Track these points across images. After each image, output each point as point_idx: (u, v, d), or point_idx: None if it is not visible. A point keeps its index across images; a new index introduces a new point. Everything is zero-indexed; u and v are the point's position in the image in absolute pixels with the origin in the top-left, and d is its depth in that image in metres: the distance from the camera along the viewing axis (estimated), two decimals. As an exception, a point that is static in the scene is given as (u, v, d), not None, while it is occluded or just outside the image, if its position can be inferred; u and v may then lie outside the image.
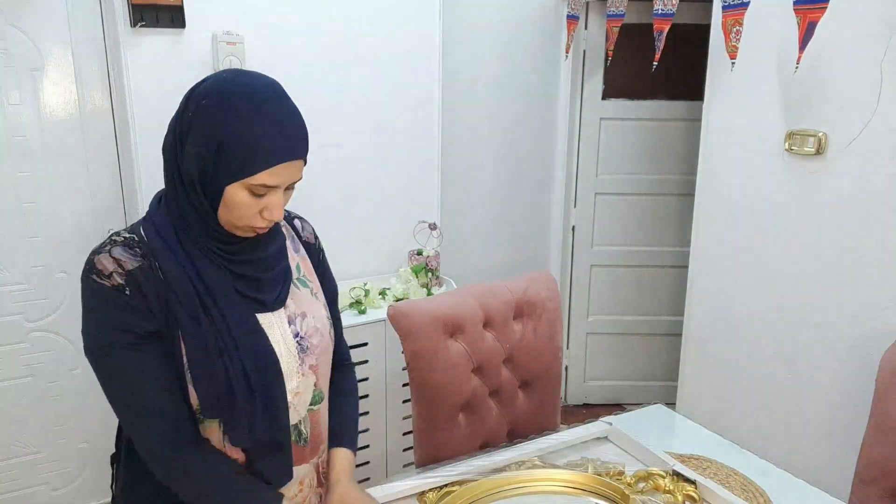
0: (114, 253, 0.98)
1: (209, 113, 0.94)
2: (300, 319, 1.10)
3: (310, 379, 1.11)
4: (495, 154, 3.09)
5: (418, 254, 2.63)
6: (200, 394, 0.99)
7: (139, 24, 2.04)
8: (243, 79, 0.98)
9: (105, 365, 0.98)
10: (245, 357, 1.00)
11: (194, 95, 0.98)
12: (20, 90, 2.04)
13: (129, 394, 0.98)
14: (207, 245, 1.01)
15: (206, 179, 0.96)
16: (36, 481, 2.27)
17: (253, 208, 0.98)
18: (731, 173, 2.28)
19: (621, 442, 1.49)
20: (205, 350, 0.98)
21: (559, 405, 1.95)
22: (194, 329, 0.98)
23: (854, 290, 1.94)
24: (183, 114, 0.97)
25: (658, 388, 3.36)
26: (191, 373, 0.98)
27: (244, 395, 1.00)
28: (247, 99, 0.95)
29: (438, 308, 1.71)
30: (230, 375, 0.99)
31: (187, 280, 0.98)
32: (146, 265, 0.97)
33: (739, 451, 1.56)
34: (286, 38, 2.29)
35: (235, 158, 0.94)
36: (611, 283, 3.35)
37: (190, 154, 0.96)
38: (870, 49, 1.82)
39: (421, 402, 1.71)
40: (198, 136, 0.95)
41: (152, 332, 0.97)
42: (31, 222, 2.12)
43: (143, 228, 1.02)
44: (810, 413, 2.10)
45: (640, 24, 2.81)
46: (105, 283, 0.96)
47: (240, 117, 0.94)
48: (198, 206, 0.99)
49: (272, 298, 1.07)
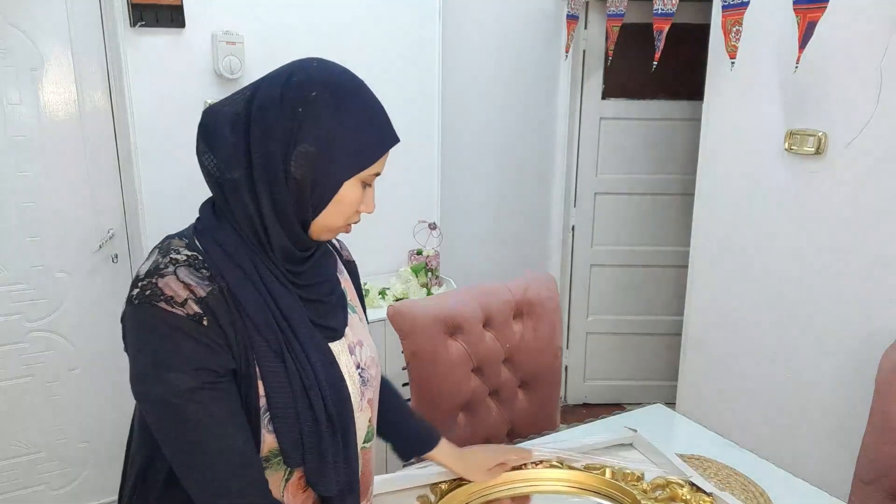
0: (181, 275, 0.82)
1: (323, 105, 0.85)
2: (359, 349, 1.01)
3: (366, 415, 1.01)
4: (495, 154, 3.09)
5: (418, 253, 2.63)
6: (283, 440, 0.86)
7: (139, 23, 2.04)
8: (335, 65, 0.91)
9: (183, 414, 0.81)
10: (327, 396, 0.89)
11: (293, 91, 0.85)
12: (20, 90, 2.04)
13: (209, 449, 0.83)
14: (278, 265, 0.89)
15: (320, 179, 0.85)
16: (36, 481, 2.27)
17: (358, 203, 0.90)
18: (731, 173, 2.28)
19: (645, 449, 1.47)
20: (290, 390, 0.86)
21: (559, 405, 1.95)
22: (278, 366, 0.86)
23: (854, 289, 1.94)
24: (284, 113, 0.84)
25: (658, 388, 3.36)
26: (272, 415, 0.86)
27: (330, 438, 0.89)
28: (353, 86, 0.88)
29: (438, 308, 1.71)
30: (317, 418, 0.87)
31: (265, 308, 0.86)
32: (216, 290, 0.83)
33: (739, 451, 1.56)
34: (286, 38, 2.29)
35: (355, 149, 0.86)
36: (611, 282, 3.35)
37: (303, 154, 0.84)
38: (870, 49, 1.82)
39: (421, 402, 1.71)
40: (313, 132, 0.84)
41: (231, 371, 0.84)
42: (31, 222, 2.12)
43: (200, 243, 0.88)
44: (810, 413, 2.09)
45: (640, 24, 2.81)
46: (179, 311, 0.80)
47: (353, 105, 0.87)
48: (292, 216, 0.86)
49: (341, 325, 0.98)
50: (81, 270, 2.22)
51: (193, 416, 0.81)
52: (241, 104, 0.87)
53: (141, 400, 0.85)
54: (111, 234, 2.25)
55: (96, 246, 2.23)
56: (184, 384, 0.80)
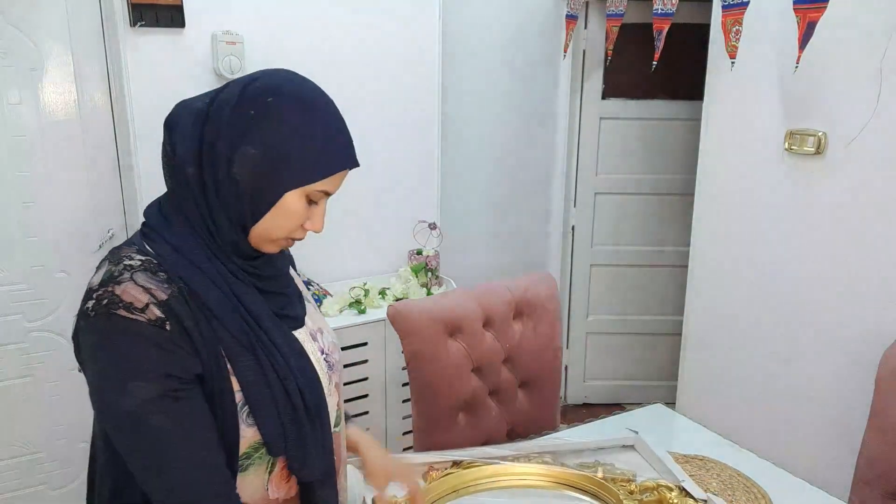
0: (139, 280, 0.80)
1: (277, 112, 0.84)
2: (320, 336, 1.03)
3: (335, 399, 1.03)
4: (495, 154, 3.09)
5: (418, 253, 2.63)
6: (266, 431, 0.86)
7: (139, 23, 2.04)
8: (305, 80, 0.90)
9: (146, 426, 0.79)
10: (301, 383, 0.90)
11: (251, 94, 0.85)
12: (20, 90, 2.04)
13: (175, 460, 0.81)
14: (234, 262, 0.89)
15: (262, 184, 0.85)
16: (36, 481, 2.27)
17: (302, 218, 0.89)
18: (730, 173, 2.28)
19: (645, 452, 1.47)
20: (266, 383, 0.86)
21: (559, 405, 1.95)
22: (250, 361, 0.86)
23: (854, 289, 1.94)
24: (236, 113, 0.84)
25: (658, 388, 3.36)
26: (250, 408, 0.86)
27: (308, 424, 0.91)
28: (316, 100, 0.88)
29: (438, 308, 1.71)
30: (295, 406, 0.88)
31: (229, 304, 0.86)
32: (176, 292, 0.81)
33: (739, 451, 1.56)
34: (286, 38, 2.29)
35: (303, 161, 0.85)
36: (611, 282, 3.35)
37: (247, 156, 0.84)
38: (870, 49, 1.82)
39: (421, 402, 1.71)
40: (260, 138, 0.84)
41: (197, 375, 0.82)
42: (31, 222, 2.12)
43: (151, 247, 0.86)
44: (810, 413, 2.09)
45: (640, 24, 2.81)
46: (140, 317, 0.78)
47: (311, 118, 0.86)
48: (233, 217, 0.86)
49: (301, 314, 1.00)
50: (81, 270, 2.21)
51: (159, 425, 0.79)
52: (206, 100, 0.88)
53: (103, 413, 0.83)
54: (111, 234, 2.25)
55: (96, 246, 2.23)
56: (148, 393, 0.78)
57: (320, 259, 2.52)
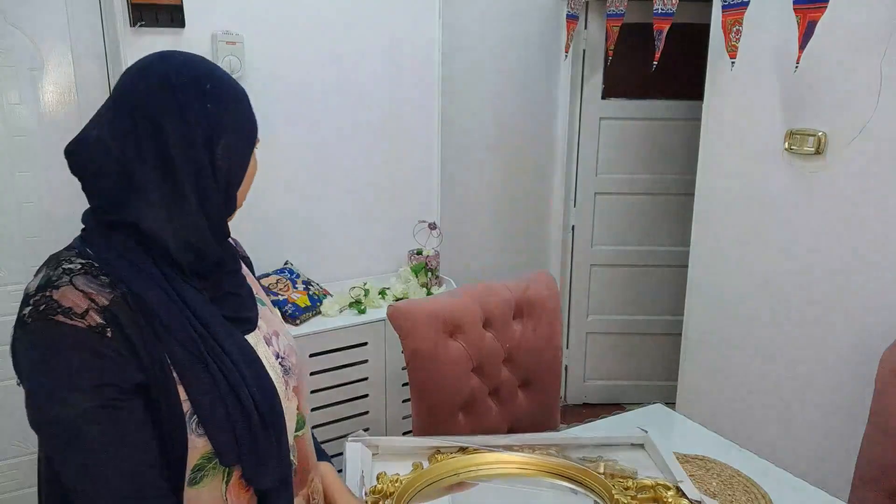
0: (78, 284, 0.76)
1: (219, 92, 0.85)
2: (275, 339, 0.98)
3: (293, 403, 0.98)
4: (495, 153, 3.09)
5: (418, 253, 2.63)
6: (217, 441, 0.82)
7: (139, 23, 2.04)
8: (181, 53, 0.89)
9: (85, 436, 0.74)
10: (254, 391, 0.86)
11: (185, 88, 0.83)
12: (20, 90, 2.04)
13: (109, 472, 0.76)
14: (180, 264, 0.85)
15: (239, 160, 0.88)
16: (36, 481, 2.27)
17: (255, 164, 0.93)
18: (730, 173, 2.28)
19: (652, 451, 1.46)
20: (216, 390, 0.82)
21: (559, 405, 1.95)
22: (198, 368, 0.81)
23: (854, 289, 1.94)
24: (200, 113, 0.82)
25: (658, 388, 3.36)
26: (200, 420, 0.81)
27: (262, 433, 0.86)
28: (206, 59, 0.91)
29: (438, 307, 1.71)
30: (248, 414, 0.84)
31: (175, 309, 0.81)
32: (119, 297, 0.77)
33: (739, 451, 1.56)
34: (286, 38, 2.29)
35: (252, 118, 0.90)
36: (610, 282, 3.35)
37: (226, 145, 0.85)
38: (870, 49, 1.82)
39: (421, 402, 1.71)
40: (225, 122, 0.85)
41: (138, 385, 0.77)
42: (31, 222, 2.12)
43: (93, 251, 0.82)
44: (810, 413, 2.10)
45: (640, 24, 2.81)
46: (80, 323, 0.73)
47: (228, 79, 0.89)
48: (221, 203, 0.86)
49: (255, 317, 0.96)
50: (81, 270, 2.22)
51: (95, 437, 0.75)
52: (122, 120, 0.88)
53: (38, 425, 0.79)
54: (111, 234, 2.25)
55: (96, 246, 2.23)
56: (86, 403, 0.74)
57: (320, 259, 2.52)
